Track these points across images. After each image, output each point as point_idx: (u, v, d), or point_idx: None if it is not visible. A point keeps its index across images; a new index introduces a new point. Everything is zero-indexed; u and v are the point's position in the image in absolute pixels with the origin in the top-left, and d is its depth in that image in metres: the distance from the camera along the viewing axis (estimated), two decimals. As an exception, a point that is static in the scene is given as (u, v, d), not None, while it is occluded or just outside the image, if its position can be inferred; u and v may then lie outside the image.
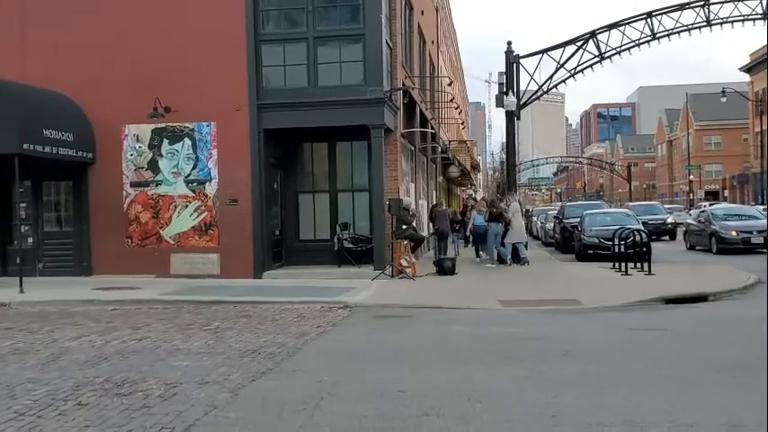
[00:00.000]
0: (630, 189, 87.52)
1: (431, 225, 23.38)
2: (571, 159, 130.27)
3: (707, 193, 76.55)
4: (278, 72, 16.46)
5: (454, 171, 32.26)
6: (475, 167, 60.98)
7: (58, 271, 16.78)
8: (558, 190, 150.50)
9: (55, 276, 16.58)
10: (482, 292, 13.83)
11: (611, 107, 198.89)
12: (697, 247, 24.13)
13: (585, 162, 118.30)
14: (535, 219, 37.94)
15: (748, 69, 65.68)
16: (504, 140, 46.01)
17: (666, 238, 30.34)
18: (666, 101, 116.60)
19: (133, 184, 16.62)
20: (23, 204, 16.97)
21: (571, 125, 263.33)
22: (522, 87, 27.03)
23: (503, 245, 19.04)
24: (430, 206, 24.96)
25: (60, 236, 17.06)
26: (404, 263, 16.41)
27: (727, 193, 75.19)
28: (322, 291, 13.76)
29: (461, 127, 37.91)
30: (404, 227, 16.33)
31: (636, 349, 8.06)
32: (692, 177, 72.83)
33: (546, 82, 28.06)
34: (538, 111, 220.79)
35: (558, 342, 8.52)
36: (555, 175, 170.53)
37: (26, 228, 17.02)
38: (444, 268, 16.43)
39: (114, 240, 16.59)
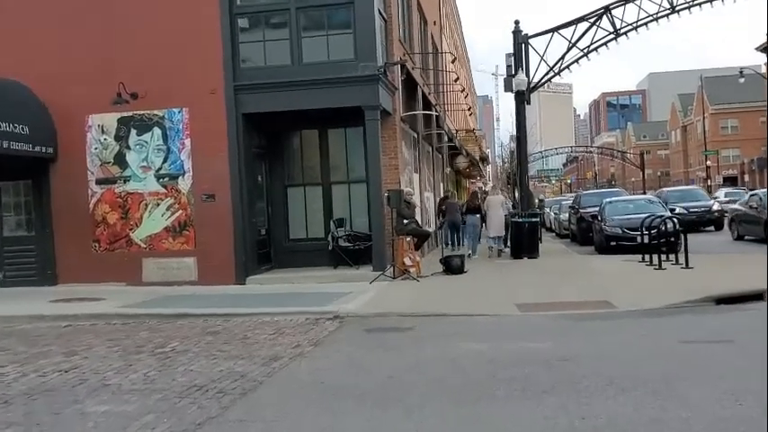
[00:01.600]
0: (644, 177, 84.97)
1: (439, 219, 21.63)
2: (581, 149, 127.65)
3: (725, 179, 74.18)
4: (257, 49, 14.54)
5: (462, 161, 30.27)
6: (484, 159, 58.91)
7: (21, 281, 14.95)
8: (569, 180, 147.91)
9: (18, 287, 14.76)
10: (496, 293, 11.91)
11: (620, 95, 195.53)
12: (746, 237, 21.00)
13: (596, 151, 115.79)
14: (548, 209, 35.98)
15: (764, 49, 63.14)
16: (513, 132, 43.89)
17: (711, 228, 26.13)
18: (678, 86, 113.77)
19: (99, 182, 14.75)
20: (-21, 208, 15.23)
21: (579, 115, 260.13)
22: (532, 71, 25.14)
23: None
24: (438, 198, 23.19)
25: (22, 241, 15.21)
26: (407, 262, 14.48)
27: (746, 177, 72.70)
28: (311, 298, 11.88)
29: (468, 114, 35.87)
30: (405, 221, 14.41)
31: (703, 373, 6.11)
32: (709, 163, 70.37)
33: (557, 63, 26.05)
34: (545, 102, 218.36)
35: (596, 363, 6.59)
36: (564, 165, 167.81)
37: (-17, 234, 15.25)
38: (452, 267, 14.49)
39: (80, 245, 14.74)
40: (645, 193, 51.04)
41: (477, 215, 18.91)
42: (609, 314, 9.56)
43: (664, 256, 14.59)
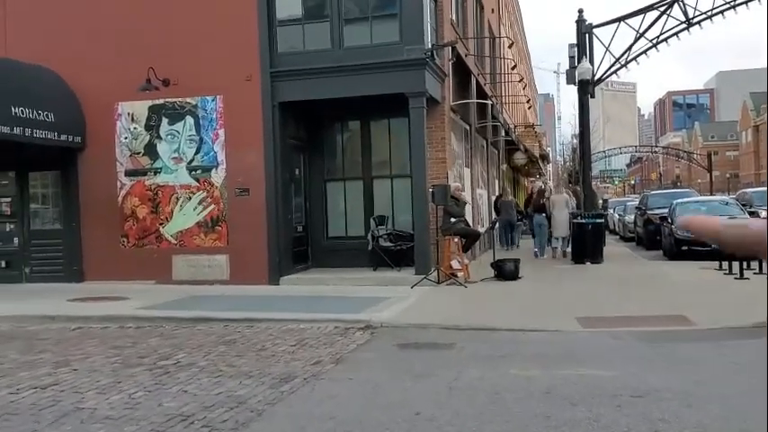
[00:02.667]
0: (711, 179, 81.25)
1: (492, 217, 20.40)
2: (646, 149, 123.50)
3: (800, 182, 70.22)
4: (295, 32, 13.46)
5: (520, 158, 28.69)
6: (544, 157, 56.81)
7: (48, 276, 14.23)
8: (632, 181, 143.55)
9: (44, 283, 14.07)
10: (554, 304, 10.53)
11: (687, 94, 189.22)
12: None
13: (661, 152, 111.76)
14: (612, 211, 34.10)
15: None
16: (575, 129, 41.87)
17: None
18: (749, 85, 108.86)
19: (128, 173, 13.91)
20: (7, 199, 14.58)
21: (643, 115, 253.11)
22: (596, 64, 23.47)
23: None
24: (495, 196, 21.98)
25: (49, 235, 14.48)
26: (454, 265, 13.24)
27: (824, 180, 68.64)
28: (345, 303, 10.75)
29: (527, 107, 34.15)
30: (452, 220, 13.14)
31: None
32: (783, 164, 66.65)
33: (624, 54, 24.32)
34: (609, 101, 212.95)
35: (679, 402, 5.23)
36: (628, 166, 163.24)
37: (11, 226, 14.59)
38: (505, 272, 13.15)
39: (108, 240, 13.93)
40: (712, 194, 48.41)
41: (544, 214, 17.98)
42: (687, 333, 8.14)
43: (745, 264, 12.97)
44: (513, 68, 20.73)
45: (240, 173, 13.30)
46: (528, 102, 31.04)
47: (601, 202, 32.91)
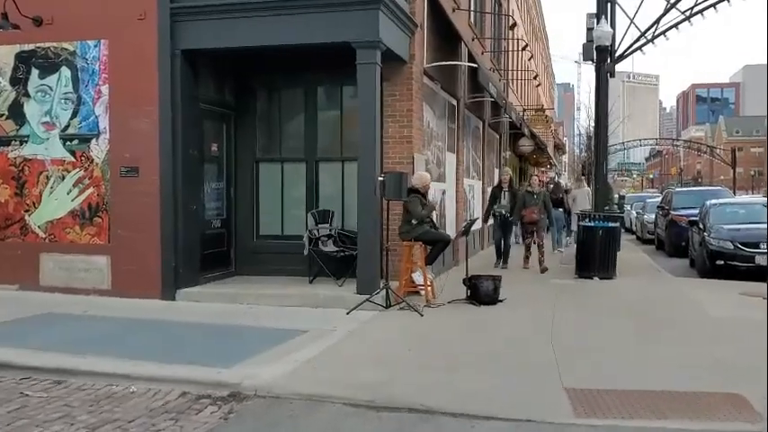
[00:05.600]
0: (734, 175, 77.03)
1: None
2: (667, 142, 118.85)
3: (832, 182, 66.04)
4: (207, -45, 9.98)
5: (526, 144, 24.99)
6: (559, 148, 52.91)
7: None
8: (651, 175, 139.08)
9: None
10: (535, 354, 6.99)
11: (711, 87, 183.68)
12: None
13: (683, 145, 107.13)
14: (629, 207, 30.56)
15: None
16: (590, 113, 38.05)
17: None
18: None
19: (-11, 142, 10.55)
20: None
21: (665, 109, 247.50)
22: (617, 38, 19.84)
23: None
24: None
25: None
26: (417, 279, 9.83)
27: None
28: (235, 340, 7.40)
29: (536, 84, 30.25)
30: (413, 222, 9.65)
31: None
32: (814, 163, 62.43)
33: (651, 27, 20.62)
34: (629, 93, 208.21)
35: None
36: (647, 160, 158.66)
37: None
38: (479, 293, 9.62)
39: (-37, 230, 10.60)
40: (735, 193, 44.44)
41: (561, 209, 17.19)
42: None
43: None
44: (511, 28, 16.94)
45: (128, 146, 9.84)
46: (536, 77, 27.23)
47: (617, 197, 29.35)
